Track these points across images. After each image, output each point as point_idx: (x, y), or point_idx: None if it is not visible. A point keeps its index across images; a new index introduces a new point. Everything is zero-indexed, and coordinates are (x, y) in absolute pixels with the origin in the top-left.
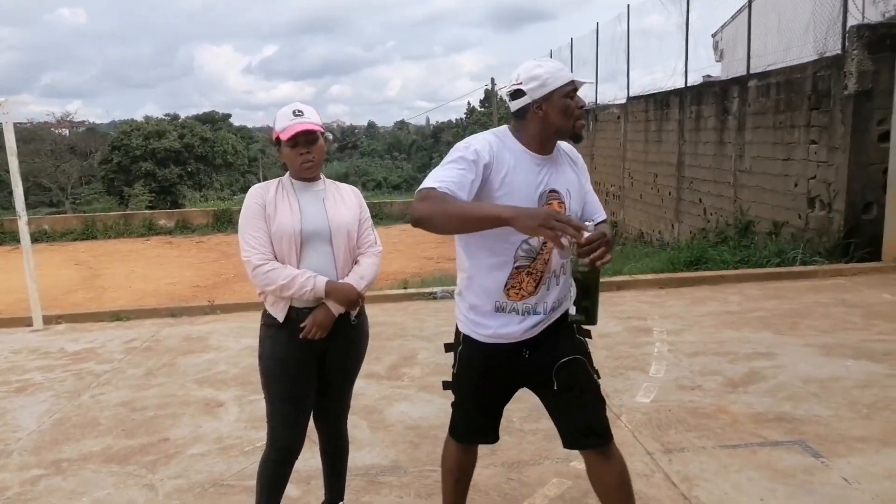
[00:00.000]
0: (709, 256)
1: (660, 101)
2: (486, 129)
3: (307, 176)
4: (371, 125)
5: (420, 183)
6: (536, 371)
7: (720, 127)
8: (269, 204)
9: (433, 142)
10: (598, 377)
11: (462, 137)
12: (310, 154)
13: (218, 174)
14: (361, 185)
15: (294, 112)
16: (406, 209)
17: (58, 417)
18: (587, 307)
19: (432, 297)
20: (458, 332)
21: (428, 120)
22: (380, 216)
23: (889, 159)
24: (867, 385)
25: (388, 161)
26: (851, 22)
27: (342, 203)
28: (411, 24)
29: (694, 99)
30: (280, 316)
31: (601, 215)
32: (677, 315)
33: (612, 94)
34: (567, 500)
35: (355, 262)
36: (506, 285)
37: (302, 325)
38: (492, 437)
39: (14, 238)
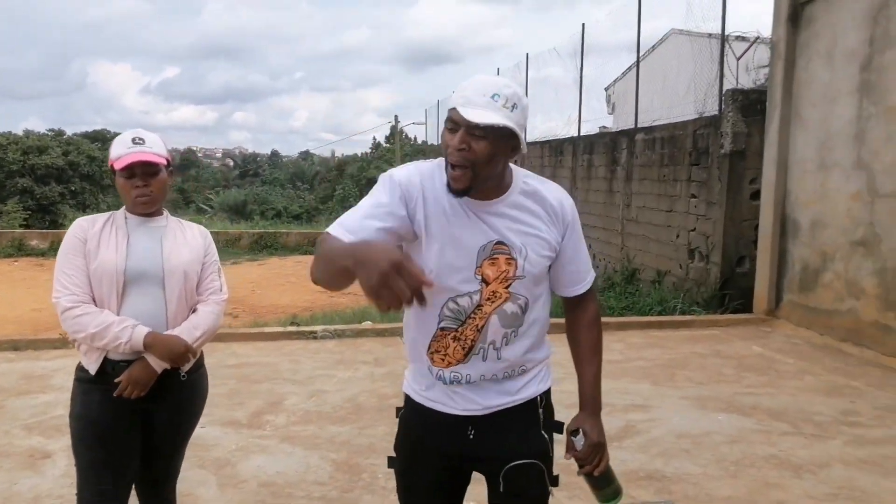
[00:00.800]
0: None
1: (554, 148)
2: (390, 164)
3: (141, 212)
4: (274, 153)
5: (321, 213)
6: (482, 460)
7: (610, 176)
8: (92, 239)
9: (337, 174)
10: (556, 485)
11: (366, 171)
12: (147, 188)
13: (105, 195)
14: (261, 213)
15: (134, 140)
16: (303, 240)
17: None
18: (610, 493)
19: (312, 336)
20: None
21: (333, 153)
22: (275, 246)
23: (759, 217)
24: (736, 440)
25: (289, 190)
26: (727, 86)
27: (183, 243)
28: (321, 56)
29: (586, 148)
30: (92, 368)
31: (586, 279)
32: (557, 363)
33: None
34: None
35: (193, 310)
36: (429, 347)
37: (116, 381)
38: None
39: None
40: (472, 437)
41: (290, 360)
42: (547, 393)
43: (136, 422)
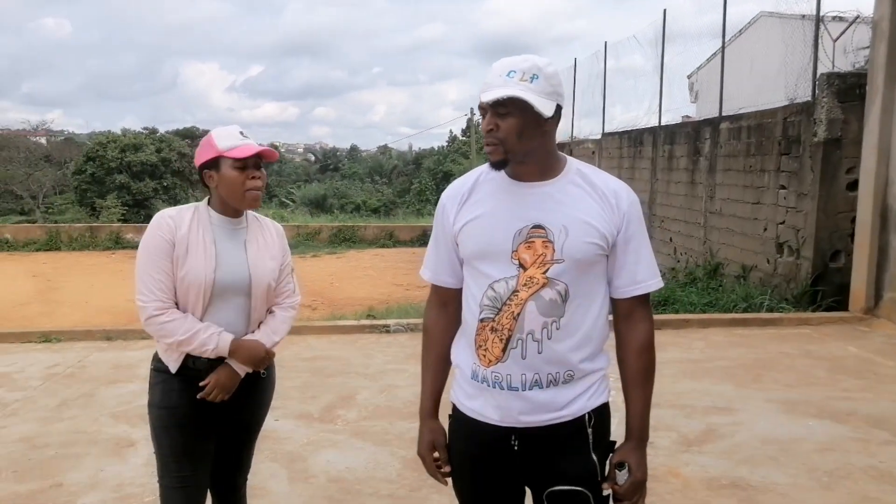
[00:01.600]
0: (677, 297)
1: (634, 139)
2: (466, 158)
3: (251, 207)
4: (354, 148)
5: (398, 207)
6: (526, 475)
7: (692, 167)
8: (181, 243)
9: (414, 167)
10: None
11: (442, 164)
12: (260, 181)
13: (194, 190)
14: (341, 207)
15: (241, 133)
16: (381, 233)
17: None
18: None
19: (385, 330)
20: None
21: (410, 146)
22: (353, 239)
23: (857, 208)
24: (829, 449)
25: (368, 184)
26: (821, 69)
27: (265, 248)
28: (397, 51)
29: (667, 138)
30: (173, 367)
31: (643, 283)
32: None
33: (589, 129)
34: None
35: (269, 311)
36: (476, 343)
37: (202, 384)
38: None
39: None
40: (516, 447)
41: (363, 353)
42: (599, 409)
43: (212, 413)
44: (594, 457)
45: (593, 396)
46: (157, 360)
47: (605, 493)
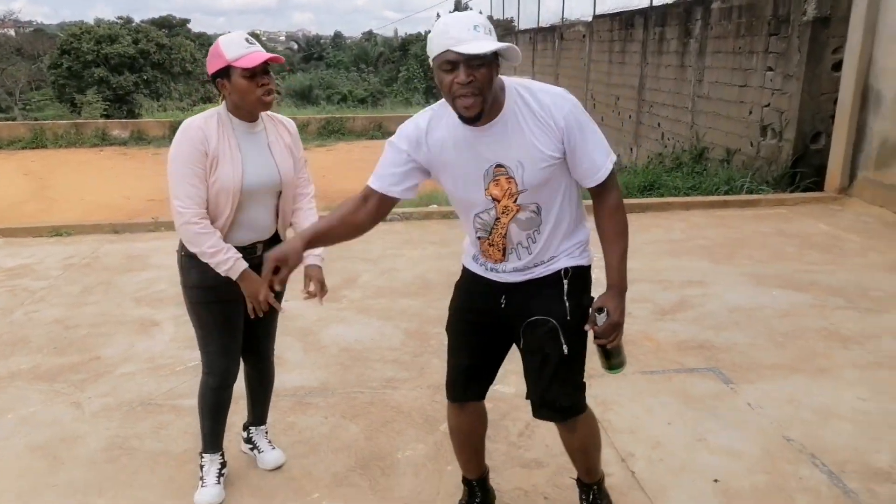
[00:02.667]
0: (662, 182)
1: (625, 21)
2: None
3: (264, 110)
4: (338, 35)
5: (385, 97)
6: (510, 322)
7: (682, 50)
8: (212, 153)
9: (401, 54)
10: (575, 349)
11: None
12: (270, 85)
13: (176, 83)
14: (327, 98)
15: (247, 40)
16: (369, 124)
17: None
18: (616, 363)
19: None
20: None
21: (396, 31)
22: (342, 131)
23: (839, 89)
24: (788, 314)
25: (354, 73)
26: None
27: (285, 147)
28: None
29: (658, 20)
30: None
31: (600, 171)
32: None
33: (581, 10)
34: None
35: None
36: (480, 250)
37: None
38: (476, 389)
39: None
40: (503, 304)
41: (362, 240)
42: (576, 267)
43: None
44: (566, 302)
45: (571, 258)
46: (184, 247)
47: (586, 328)
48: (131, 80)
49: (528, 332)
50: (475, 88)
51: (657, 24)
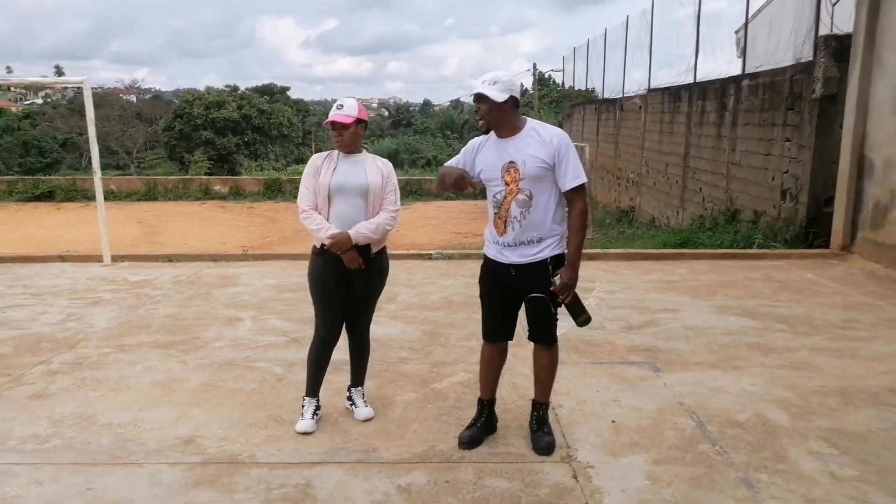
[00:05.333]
0: (695, 240)
1: (673, 95)
2: (530, 108)
3: (342, 151)
4: (426, 103)
5: None
6: (517, 288)
7: (719, 122)
8: (319, 168)
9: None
10: (555, 306)
11: None
12: (340, 137)
13: (273, 145)
14: (412, 162)
15: (337, 105)
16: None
17: (121, 321)
18: (581, 320)
19: (428, 257)
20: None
21: None
22: (419, 192)
23: (839, 159)
24: (731, 333)
25: (439, 139)
26: (824, 31)
27: (377, 169)
28: (470, 2)
29: (700, 94)
30: (317, 244)
31: (571, 182)
32: (621, 281)
33: (638, 84)
34: (464, 384)
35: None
36: (493, 224)
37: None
38: (504, 334)
39: (85, 196)
40: (513, 274)
41: (407, 271)
42: (556, 256)
43: (342, 279)
44: (553, 280)
45: (552, 249)
46: (312, 246)
47: (557, 298)
48: (234, 141)
49: (529, 304)
50: (482, 116)
51: (699, 98)
